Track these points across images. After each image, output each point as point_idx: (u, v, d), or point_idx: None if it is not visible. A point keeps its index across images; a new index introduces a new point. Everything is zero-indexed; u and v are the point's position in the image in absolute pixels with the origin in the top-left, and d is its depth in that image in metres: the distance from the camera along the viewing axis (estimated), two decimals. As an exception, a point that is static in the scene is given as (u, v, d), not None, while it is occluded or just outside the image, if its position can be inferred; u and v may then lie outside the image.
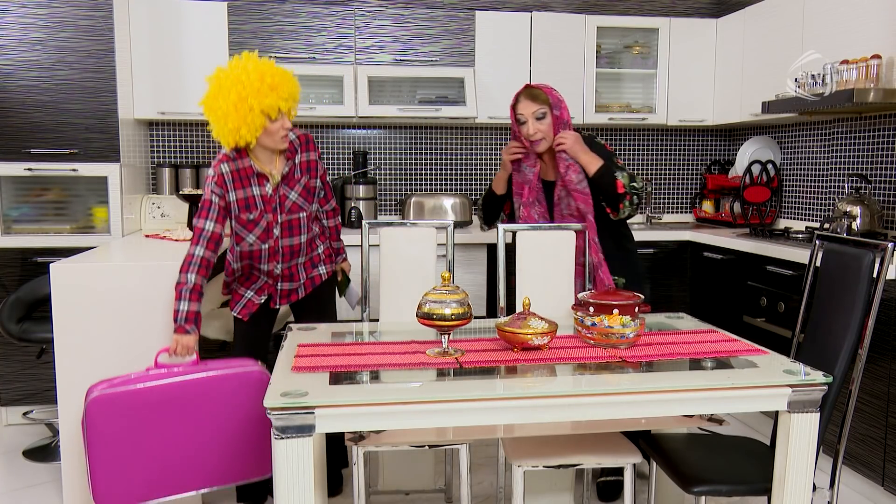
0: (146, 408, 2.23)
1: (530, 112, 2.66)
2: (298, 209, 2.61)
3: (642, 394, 1.77)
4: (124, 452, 2.23)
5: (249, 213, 2.54)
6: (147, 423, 2.24)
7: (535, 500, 2.59)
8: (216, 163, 2.54)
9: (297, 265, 2.70)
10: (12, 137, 3.55)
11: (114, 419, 2.21)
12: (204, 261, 2.46)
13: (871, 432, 2.83)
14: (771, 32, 3.84)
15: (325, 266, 2.80)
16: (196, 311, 2.42)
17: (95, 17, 3.55)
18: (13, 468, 3.17)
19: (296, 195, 2.60)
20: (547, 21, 4.19)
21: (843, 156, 3.80)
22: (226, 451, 2.32)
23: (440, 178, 4.57)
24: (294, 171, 2.60)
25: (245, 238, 2.57)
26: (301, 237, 2.65)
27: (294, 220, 2.62)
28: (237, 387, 2.31)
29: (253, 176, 2.54)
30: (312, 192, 2.66)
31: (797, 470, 1.85)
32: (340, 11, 4.03)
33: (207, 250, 2.47)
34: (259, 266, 2.64)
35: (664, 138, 4.81)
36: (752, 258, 3.58)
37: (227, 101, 2.36)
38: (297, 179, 2.60)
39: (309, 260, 2.74)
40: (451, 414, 1.72)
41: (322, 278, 2.79)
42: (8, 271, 3.59)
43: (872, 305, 2.02)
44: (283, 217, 2.59)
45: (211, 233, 2.48)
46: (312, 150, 2.66)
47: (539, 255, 2.68)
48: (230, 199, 2.53)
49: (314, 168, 2.66)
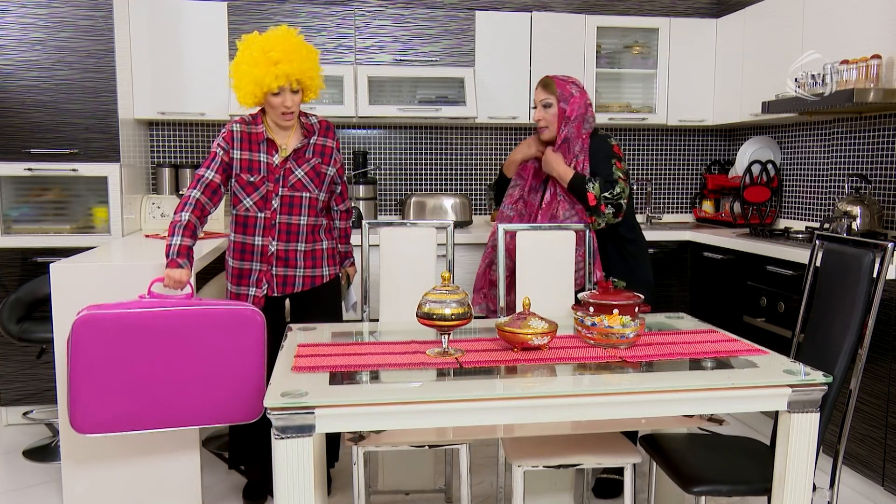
0: (132, 335, 2.18)
1: (539, 99, 2.80)
2: (302, 187, 2.61)
3: (642, 394, 1.77)
4: (107, 378, 2.18)
5: (251, 175, 2.58)
6: (132, 350, 2.18)
7: (535, 500, 2.59)
8: (231, 122, 2.63)
9: (295, 251, 2.65)
10: (12, 137, 3.55)
11: (98, 342, 2.16)
12: (199, 203, 2.53)
13: (871, 432, 2.83)
14: (771, 32, 3.84)
15: (329, 268, 2.76)
16: (188, 245, 2.46)
17: (95, 17, 3.55)
18: (13, 468, 3.17)
19: (302, 173, 2.61)
20: (547, 21, 4.19)
21: (843, 156, 3.80)
22: (213, 389, 2.25)
23: (440, 178, 4.57)
24: (306, 149, 2.64)
25: (242, 201, 2.59)
26: (301, 218, 2.63)
27: (296, 199, 2.61)
28: (228, 324, 2.24)
29: (263, 142, 2.60)
30: (322, 177, 2.66)
31: (797, 470, 1.85)
32: (340, 11, 4.03)
33: (203, 195, 2.55)
34: (254, 242, 2.61)
35: (664, 138, 4.81)
36: (752, 258, 3.58)
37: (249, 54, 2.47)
38: (307, 159, 2.63)
39: (311, 252, 2.68)
40: (451, 414, 1.72)
41: (324, 280, 2.75)
42: (8, 271, 3.59)
43: (872, 305, 2.02)
44: (284, 191, 2.59)
45: (209, 181, 2.56)
46: (331, 137, 2.70)
47: (539, 255, 2.68)
48: (234, 157, 2.58)
49: (329, 154, 2.68)
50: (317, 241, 2.71)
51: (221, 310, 2.25)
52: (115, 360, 2.18)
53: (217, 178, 2.58)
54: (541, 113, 2.78)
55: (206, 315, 2.24)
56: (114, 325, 2.17)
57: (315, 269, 2.71)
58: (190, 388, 2.25)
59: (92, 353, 2.17)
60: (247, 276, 2.65)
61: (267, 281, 2.66)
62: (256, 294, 2.66)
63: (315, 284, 2.73)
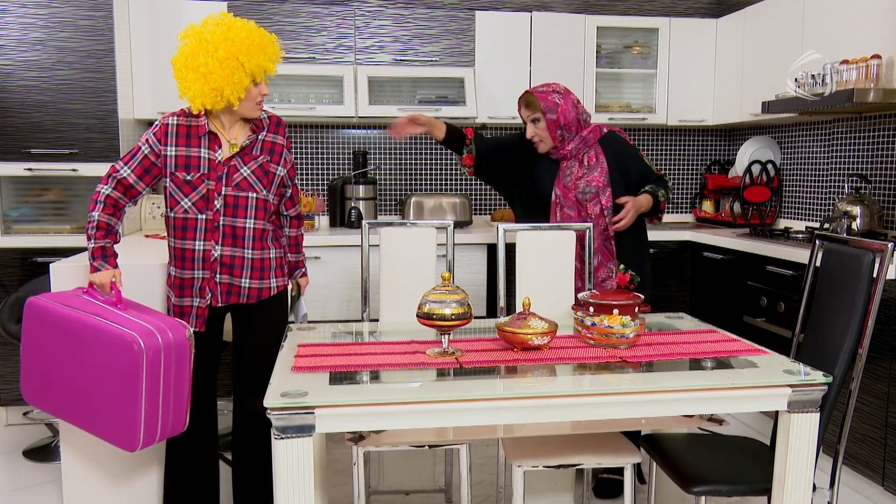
0: (47, 326, 2.20)
1: (526, 116, 2.78)
2: (248, 187, 2.37)
3: (642, 394, 1.77)
4: (39, 361, 2.24)
5: (188, 173, 2.34)
6: (48, 340, 2.21)
7: (535, 500, 2.59)
8: (167, 115, 2.41)
9: (242, 258, 2.39)
10: (12, 137, 3.55)
11: (35, 327, 2.22)
12: (110, 199, 2.35)
13: (871, 432, 2.83)
14: (771, 32, 3.84)
15: (278, 279, 2.50)
16: (101, 246, 2.32)
17: (95, 17, 3.55)
18: (13, 468, 3.17)
19: (248, 171, 2.38)
20: (547, 21, 4.19)
21: (843, 156, 3.80)
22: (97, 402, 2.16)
23: (440, 178, 4.57)
24: (254, 146, 2.41)
25: (180, 202, 2.36)
26: (248, 221, 2.38)
27: (241, 199, 2.37)
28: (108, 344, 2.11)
29: (204, 136, 2.36)
30: (271, 177, 2.42)
31: (797, 470, 1.85)
32: (340, 11, 4.03)
33: (115, 191, 2.36)
34: (194, 247, 2.37)
35: (664, 138, 4.81)
36: (752, 258, 3.57)
37: (213, 57, 2.21)
38: (254, 156, 2.40)
39: (258, 260, 2.43)
40: (451, 414, 1.72)
41: (271, 292, 2.48)
42: (8, 271, 3.59)
43: (872, 305, 2.02)
44: (227, 190, 2.36)
45: (122, 178, 2.36)
46: (282, 134, 2.49)
47: (539, 255, 2.68)
48: (166, 154, 2.35)
49: (279, 153, 2.46)
50: (265, 249, 2.45)
51: (104, 326, 2.12)
52: (39, 345, 2.23)
53: (132, 178, 2.37)
54: (532, 130, 2.76)
55: (93, 327, 2.13)
56: (44, 316, 2.21)
57: (262, 280, 2.45)
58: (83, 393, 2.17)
59: (28, 333, 2.24)
60: (189, 286, 2.39)
61: (210, 290, 2.40)
62: (200, 305, 2.40)
63: (262, 297, 2.46)
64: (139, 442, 2.12)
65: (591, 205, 2.75)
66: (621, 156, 2.80)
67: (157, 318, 2.22)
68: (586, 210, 2.76)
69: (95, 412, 2.17)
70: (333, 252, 3.81)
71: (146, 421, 2.12)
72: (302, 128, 4.41)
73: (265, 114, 2.48)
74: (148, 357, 2.08)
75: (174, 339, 2.17)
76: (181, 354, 2.20)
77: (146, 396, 2.11)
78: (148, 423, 2.13)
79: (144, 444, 2.14)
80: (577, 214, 2.77)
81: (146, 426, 2.13)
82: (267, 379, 2.42)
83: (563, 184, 2.78)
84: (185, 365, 2.22)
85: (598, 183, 2.74)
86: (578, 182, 2.75)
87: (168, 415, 2.19)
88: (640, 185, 2.81)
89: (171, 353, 2.16)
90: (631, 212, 2.69)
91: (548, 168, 2.82)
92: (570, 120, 2.73)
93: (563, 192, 2.77)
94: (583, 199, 2.75)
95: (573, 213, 2.77)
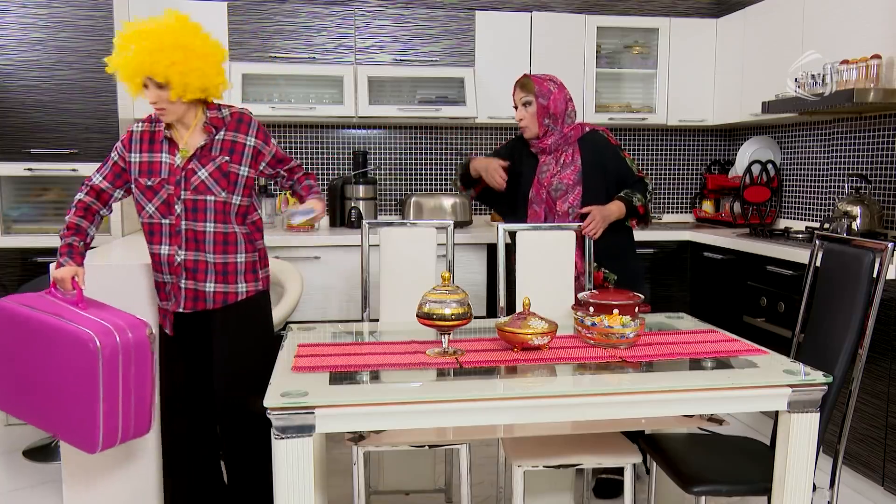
0: (17, 330, 2.17)
1: (518, 99, 2.82)
2: (206, 190, 2.30)
3: (642, 394, 1.77)
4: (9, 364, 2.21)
5: (149, 178, 2.33)
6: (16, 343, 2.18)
7: (535, 500, 2.59)
8: (134, 122, 2.43)
9: (205, 262, 2.34)
10: (12, 137, 3.55)
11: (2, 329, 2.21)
12: (81, 203, 2.38)
13: (871, 432, 2.83)
14: (771, 32, 3.84)
15: (248, 283, 2.41)
16: (68, 244, 2.32)
17: (95, 17, 3.55)
18: (13, 468, 3.17)
19: (205, 174, 2.31)
20: (547, 21, 4.19)
21: (843, 156, 3.80)
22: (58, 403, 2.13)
23: (440, 178, 4.57)
24: (211, 147, 2.33)
25: (145, 207, 2.35)
26: (207, 225, 2.32)
27: (200, 203, 2.31)
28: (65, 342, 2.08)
29: (163, 141, 2.34)
30: (231, 178, 2.33)
31: (797, 470, 1.85)
32: (340, 11, 4.03)
33: (88, 196, 2.39)
34: (160, 251, 2.35)
35: (664, 138, 4.81)
36: (752, 258, 3.57)
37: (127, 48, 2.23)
38: (211, 157, 2.32)
39: (222, 265, 2.35)
40: (451, 414, 1.72)
41: (238, 297, 2.39)
42: (8, 271, 3.59)
43: (872, 305, 2.02)
44: (186, 194, 2.31)
45: (94, 184, 2.39)
46: (244, 131, 2.36)
47: (539, 255, 2.68)
48: (130, 160, 2.36)
49: (240, 151, 2.35)
50: (228, 254, 2.36)
51: (62, 325, 2.08)
52: (8, 348, 2.21)
53: (104, 184, 2.39)
54: (521, 112, 2.81)
55: (52, 327, 2.10)
56: (10, 317, 2.19)
57: (227, 284, 2.37)
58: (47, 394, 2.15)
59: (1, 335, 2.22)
60: (162, 289, 2.40)
61: (175, 294, 2.37)
62: (170, 308, 2.40)
63: (228, 302, 2.39)
64: (98, 444, 2.07)
65: (560, 202, 2.79)
66: (600, 154, 2.83)
67: (117, 316, 2.17)
68: (556, 207, 2.80)
69: (58, 414, 2.12)
70: (333, 252, 3.81)
71: (105, 422, 2.07)
72: (302, 128, 4.41)
73: (228, 111, 2.39)
74: (105, 356, 2.04)
75: (133, 338, 2.12)
76: (141, 354, 2.15)
77: (104, 396, 2.06)
78: (107, 424, 2.07)
79: (105, 445, 2.09)
80: (546, 212, 2.83)
81: (105, 427, 2.08)
82: (239, 385, 2.40)
83: (537, 179, 2.83)
84: (146, 364, 2.16)
85: (569, 181, 2.78)
86: (552, 179, 2.80)
87: (129, 416, 2.14)
88: (617, 184, 2.84)
89: (130, 352, 2.12)
90: (597, 219, 2.71)
91: (530, 170, 2.87)
92: (559, 112, 2.78)
93: (537, 188, 2.83)
94: (554, 196, 2.80)
95: (540, 209, 2.83)
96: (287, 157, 2.51)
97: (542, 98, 2.77)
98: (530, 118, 2.80)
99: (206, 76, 2.27)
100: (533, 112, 2.79)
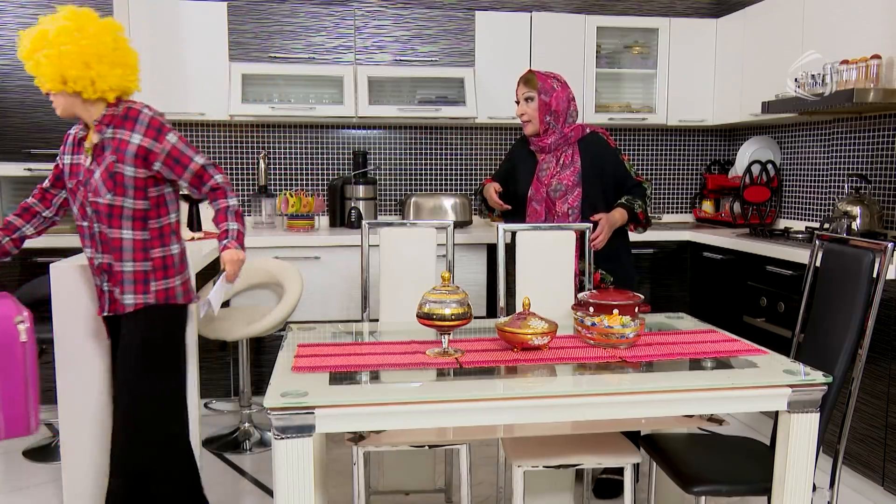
0: None
1: (521, 94, 2.84)
2: (97, 192, 2.19)
3: (642, 394, 1.77)
4: None
5: (69, 180, 2.29)
6: None
7: (535, 500, 2.59)
8: None
9: (109, 264, 2.25)
10: (12, 137, 3.55)
11: None
12: (25, 204, 2.43)
13: (871, 432, 2.83)
14: (771, 32, 3.84)
15: (136, 296, 2.25)
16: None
17: (95, 17, 3.55)
18: (13, 468, 3.17)
19: (97, 175, 2.19)
20: (547, 21, 4.19)
21: (843, 156, 3.80)
22: None
23: (440, 178, 4.57)
24: (103, 146, 2.20)
25: (72, 208, 2.32)
26: (106, 228, 2.22)
27: (96, 205, 2.21)
28: None
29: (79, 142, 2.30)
30: (119, 179, 2.17)
31: (797, 470, 1.85)
32: (340, 11, 4.03)
33: (33, 197, 2.43)
34: (87, 254, 2.33)
35: (664, 138, 4.81)
36: (752, 258, 3.58)
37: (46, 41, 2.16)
38: (104, 157, 2.19)
39: (119, 272, 2.25)
40: (451, 414, 1.72)
41: (126, 309, 2.26)
42: (8, 271, 3.59)
43: (872, 305, 2.02)
44: (90, 196, 2.21)
45: (42, 185, 2.44)
46: (129, 128, 2.19)
47: (539, 255, 2.68)
48: (63, 162, 2.33)
49: (123, 150, 2.18)
50: (115, 261, 2.24)
51: None
52: None
53: (47, 185, 2.42)
54: (523, 107, 2.83)
55: None
56: None
57: (121, 293, 2.26)
58: None
59: None
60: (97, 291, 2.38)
61: (99, 297, 2.32)
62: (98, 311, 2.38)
63: (118, 311, 2.28)
64: None
65: (559, 203, 2.80)
66: (599, 156, 2.84)
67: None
68: (555, 207, 2.80)
69: None
70: (333, 252, 3.81)
71: None
72: (302, 128, 4.41)
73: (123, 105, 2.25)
74: None
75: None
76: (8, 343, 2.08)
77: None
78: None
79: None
80: (546, 211, 2.83)
81: None
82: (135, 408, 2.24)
83: (537, 177, 2.84)
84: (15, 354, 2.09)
85: (569, 182, 2.79)
86: (552, 180, 2.81)
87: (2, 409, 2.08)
88: (615, 187, 2.86)
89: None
90: (605, 229, 2.75)
91: (528, 168, 2.89)
92: (561, 109, 2.79)
93: (536, 186, 2.84)
94: (553, 197, 2.80)
95: (541, 208, 2.83)
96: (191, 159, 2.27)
97: (545, 95, 2.78)
98: (532, 114, 2.81)
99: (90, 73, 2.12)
100: (535, 108, 2.80)
